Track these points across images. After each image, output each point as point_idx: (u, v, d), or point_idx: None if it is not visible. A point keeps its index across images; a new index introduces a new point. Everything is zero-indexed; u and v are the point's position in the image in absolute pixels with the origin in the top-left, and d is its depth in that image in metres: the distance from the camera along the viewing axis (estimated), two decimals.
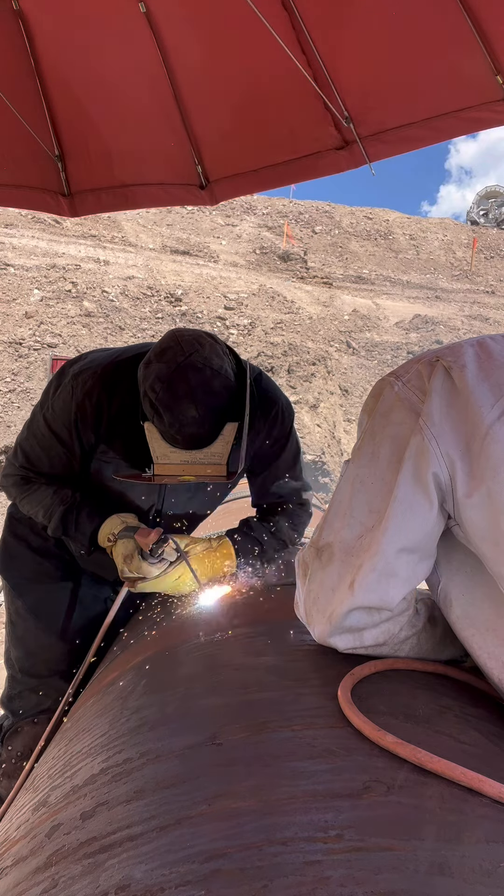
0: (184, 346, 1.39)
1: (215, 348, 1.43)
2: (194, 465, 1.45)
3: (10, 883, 0.60)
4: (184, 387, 1.34)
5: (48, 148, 2.57)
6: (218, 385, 1.38)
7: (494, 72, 1.98)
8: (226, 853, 0.49)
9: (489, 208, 28.85)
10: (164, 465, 1.44)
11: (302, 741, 0.65)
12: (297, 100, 2.30)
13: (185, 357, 1.37)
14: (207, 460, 1.44)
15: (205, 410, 1.36)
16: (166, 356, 1.38)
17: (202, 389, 1.35)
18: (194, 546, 1.58)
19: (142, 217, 17.33)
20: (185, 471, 1.45)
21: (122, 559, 1.51)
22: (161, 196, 2.74)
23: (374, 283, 18.72)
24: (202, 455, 1.43)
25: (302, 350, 10.69)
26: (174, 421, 1.36)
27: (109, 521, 1.57)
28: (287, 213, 21.48)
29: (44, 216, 14.08)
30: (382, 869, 0.46)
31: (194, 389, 1.35)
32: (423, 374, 0.85)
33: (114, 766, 0.73)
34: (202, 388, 1.35)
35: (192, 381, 1.35)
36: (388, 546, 0.82)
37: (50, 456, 1.61)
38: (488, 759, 0.66)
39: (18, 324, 10.12)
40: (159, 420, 1.38)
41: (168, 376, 1.35)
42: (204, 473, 1.46)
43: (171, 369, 1.36)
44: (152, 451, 1.43)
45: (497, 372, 0.81)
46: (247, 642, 1.03)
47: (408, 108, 2.20)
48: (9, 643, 1.81)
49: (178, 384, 1.35)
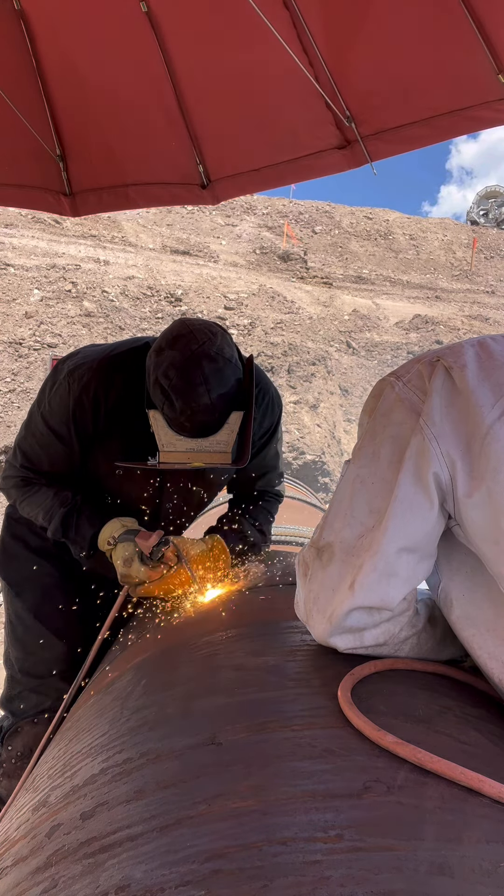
0: (196, 335, 1.40)
1: (226, 338, 1.46)
2: (200, 453, 1.45)
3: (10, 883, 0.60)
4: (198, 374, 1.36)
5: (49, 147, 2.57)
6: (229, 374, 1.40)
7: (496, 71, 1.97)
8: (226, 853, 0.49)
9: (489, 208, 28.86)
10: (169, 453, 1.45)
11: (302, 741, 0.65)
12: (299, 99, 2.30)
13: (199, 345, 1.38)
14: (213, 448, 1.45)
15: (216, 398, 1.38)
16: (179, 343, 1.39)
17: (215, 377, 1.37)
18: (192, 547, 1.59)
19: (142, 217, 17.33)
20: (191, 458, 1.46)
21: (121, 563, 1.51)
22: (162, 195, 2.74)
23: (374, 283, 18.71)
24: (207, 443, 1.44)
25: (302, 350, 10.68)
26: (186, 407, 1.37)
27: (109, 524, 1.58)
28: (287, 213, 21.47)
29: (44, 216, 14.09)
30: (382, 869, 0.46)
31: (208, 377, 1.36)
32: (424, 375, 0.85)
33: (114, 766, 0.73)
34: (215, 376, 1.37)
35: (206, 369, 1.37)
36: (389, 546, 0.82)
37: (49, 454, 1.61)
38: (488, 759, 0.66)
39: (18, 324, 10.11)
40: (170, 407, 1.39)
41: (182, 363, 1.36)
42: (211, 461, 1.47)
43: (185, 356, 1.37)
44: (158, 439, 1.44)
45: (497, 372, 0.81)
46: (247, 642, 1.03)
47: (409, 107, 2.20)
48: (8, 643, 1.81)
49: (192, 371, 1.36)
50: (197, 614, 1.34)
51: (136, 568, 1.49)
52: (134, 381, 1.52)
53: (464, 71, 2.05)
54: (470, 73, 2.03)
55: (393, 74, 2.20)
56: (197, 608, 1.41)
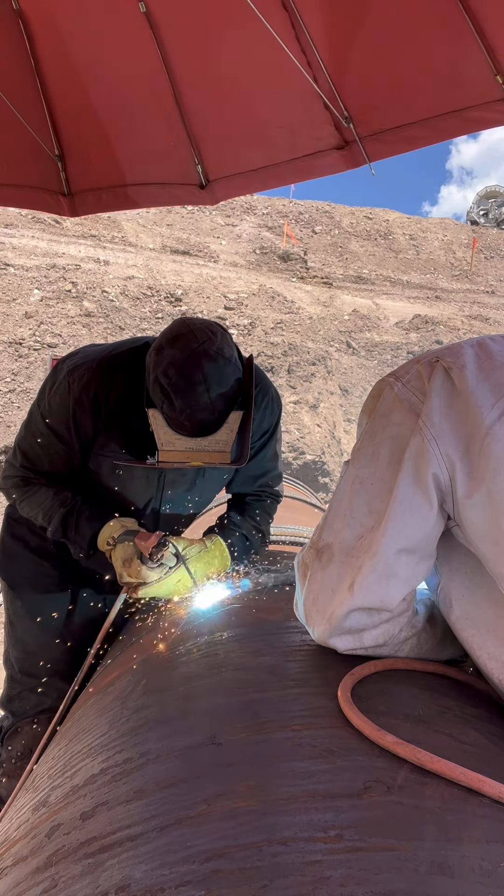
0: (196, 334, 1.40)
1: (226, 337, 1.46)
2: (199, 452, 1.45)
3: (10, 883, 0.60)
4: (198, 373, 1.36)
5: (48, 148, 2.57)
6: (229, 373, 1.40)
7: (494, 71, 1.98)
8: (226, 853, 0.49)
9: (489, 208, 28.85)
10: (168, 452, 1.45)
11: (302, 741, 0.65)
12: (297, 99, 2.30)
13: (198, 344, 1.38)
14: (212, 448, 1.45)
15: (216, 397, 1.38)
16: (179, 342, 1.39)
17: (214, 377, 1.37)
18: (191, 548, 1.59)
19: (142, 217, 17.32)
20: (190, 457, 1.46)
21: (121, 563, 1.51)
22: (161, 196, 2.75)
23: (374, 283, 18.71)
24: (206, 443, 1.44)
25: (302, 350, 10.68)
26: (185, 406, 1.37)
27: (109, 525, 1.57)
28: (287, 213, 21.47)
29: (44, 216, 14.08)
30: (382, 869, 0.46)
31: (207, 376, 1.36)
32: (423, 375, 0.85)
33: (114, 766, 0.73)
34: (214, 376, 1.37)
35: (206, 368, 1.37)
36: (388, 547, 0.82)
37: (49, 454, 1.61)
38: (488, 759, 0.66)
39: (18, 324, 10.11)
40: (169, 406, 1.39)
41: (182, 362, 1.37)
42: (210, 460, 1.47)
43: (185, 355, 1.37)
44: (157, 437, 1.44)
45: (497, 372, 0.81)
46: (246, 642, 1.03)
47: (407, 107, 2.20)
48: (8, 643, 1.81)
49: (192, 370, 1.36)
50: (197, 615, 1.34)
51: (136, 569, 1.49)
52: (134, 380, 1.51)
53: (461, 72, 2.05)
54: (468, 74, 2.03)
55: (391, 75, 2.21)
56: (197, 608, 1.41)
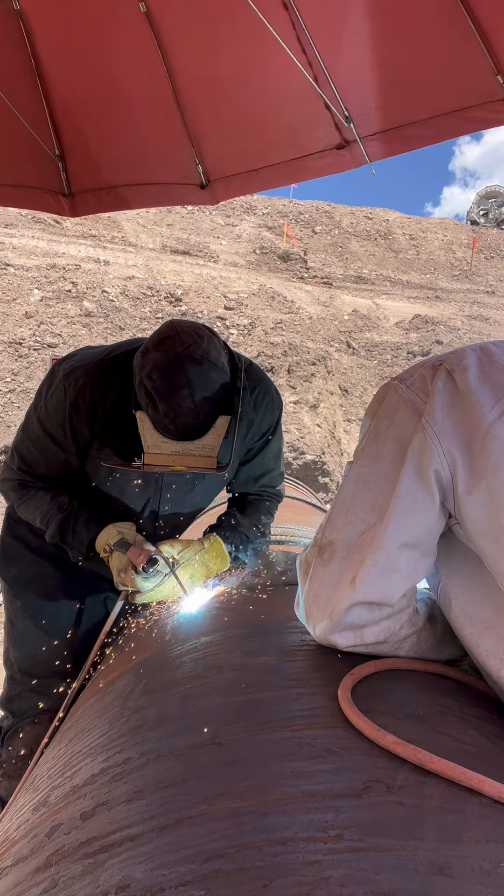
0: (182, 337, 1.38)
1: (213, 341, 1.43)
2: (185, 456, 1.45)
3: (10, 883, 0.60)
4: (181, 377, 1.34)
5: (49, 148, 2.57)
6: (214, 377, 1.38)
7: (495, 71, 1.98)
8: (226, 853, 0.49)
9: (489, 208, 28.84)
10: (154, 455, 1.44)
11: (302, 741, 0.65)
12: (298, 99, 2.30)
13: (183, 347, 1.36)
14: (198, 452, 1.44)
15: (200, 402, 1.36)
16: (164, 345, 1.38)
17: (199, 381, 1.35)
18: (187, 550, 1.59)
19: (142, 217, 17.32)
20: (176, 461, 1.45)
21: (116, 572, 1.53)
22: (161, 196, 2.75)
23: (374, 283, 18.71)
24: (193, 447, 1.43)
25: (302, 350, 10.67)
26: (169, 410, 1.35)
27: (106, 531, 1.58)
28: (287, 213, 21.46)
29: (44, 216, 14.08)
30: (382, 869, 0.46)
31: (191, 380, 1.34)
32: (427, 377, 0.87)
33: (114, 766, 0.73)
34: (199, 380, 1.35)
35: (190, 372, 1.35)
36: (390, 541, 0.82)
37: (46, 457, 1.61)
38: (488, 759, 0.66)
39: (18, 324, 10.11)
40: (154, 409, 1.38)
41: (166, 366, 1.35)
42: (195, 465, 1.46)
43: (169, 359, 1.35)
44: (143, 440, 1.43)
45: (498, 374, 0.83)
46: (246, 642, 1.03)
47: (408, 107, 2.21)
48: (8, 643, 1.81)
49: (175, 374, 1.34)
50: (196, 615, 1.34)
51: (131, 578, 1.50)
52: (130, 383, 1.51)
53: (462, 72, 2.05)
54: (468, 74, 2.03)
55: (391, 75, 2.21)
56: (196, 609, 1.41)
